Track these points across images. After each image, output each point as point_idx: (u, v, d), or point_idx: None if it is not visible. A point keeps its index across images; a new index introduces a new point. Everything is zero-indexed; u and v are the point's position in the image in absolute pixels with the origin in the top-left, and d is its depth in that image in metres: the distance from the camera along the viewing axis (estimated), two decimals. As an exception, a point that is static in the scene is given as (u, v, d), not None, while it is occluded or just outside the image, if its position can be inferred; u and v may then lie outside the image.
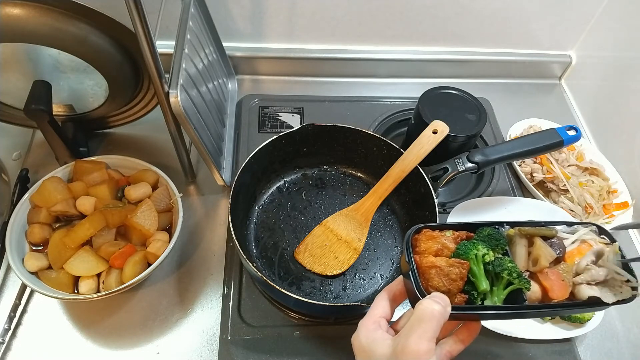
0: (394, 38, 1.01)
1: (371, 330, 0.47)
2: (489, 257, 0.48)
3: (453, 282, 0.46)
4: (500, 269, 0.47)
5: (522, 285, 0.47)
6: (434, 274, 0.46)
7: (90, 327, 0.68)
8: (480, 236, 0.50)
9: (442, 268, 0.46)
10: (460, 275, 0.46)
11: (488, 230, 0.50)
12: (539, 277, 0.49)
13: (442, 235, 0.50)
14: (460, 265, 0.47)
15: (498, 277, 0.48)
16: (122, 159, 0.77)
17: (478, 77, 1.09)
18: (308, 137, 0.78)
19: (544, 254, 0.49)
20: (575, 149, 0.92)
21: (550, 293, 0.48)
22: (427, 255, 0.48)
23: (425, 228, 0.51)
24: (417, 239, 0.50)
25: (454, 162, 0.72)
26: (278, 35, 0.97)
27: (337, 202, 0.80)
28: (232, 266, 0.74)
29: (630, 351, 0.73)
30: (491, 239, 0.49)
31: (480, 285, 0.47)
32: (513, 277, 0.47)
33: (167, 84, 0.64)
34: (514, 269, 0.47)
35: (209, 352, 0.67)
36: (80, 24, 0.63)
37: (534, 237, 0.50)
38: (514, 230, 0.51)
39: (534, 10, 0.98)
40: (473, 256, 0.47)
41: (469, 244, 0.48)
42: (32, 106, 0.69)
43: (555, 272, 0.49)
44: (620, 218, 0.84)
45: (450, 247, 0.49)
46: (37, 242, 0.69)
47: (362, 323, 0.48)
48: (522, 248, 0.50)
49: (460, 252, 0.48)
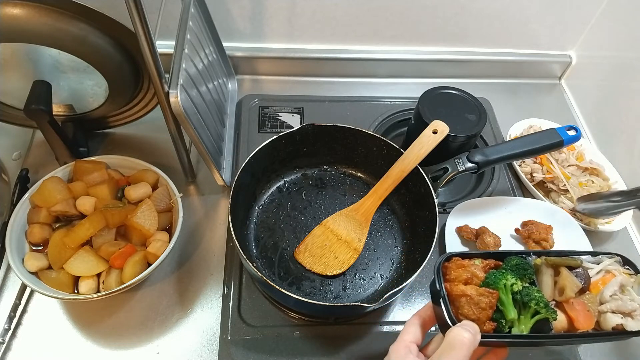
0: (394, 38, 1.01)
1: (402, 355, 0.48)
2: (517, 286, 0.49)
3: (482, 311, 0.48)
4: (528, 298, 0.49)
5: (549, 315, 0.49)
6: (464, 302, 0.48)
7: (90, 327, 0.68)
8: (509, 265, 0.52)
9: (472, 297, 0.48)
10: (489, 304, 0.48)
11: (516, 259, 0.52)
12: (565, 307, 0.50)
13: (471, 264, 0.52)
14: (490, 295, 0.48)
15: (525, 306, 0.49)
16: (122, 159, 0.77)
17: (478, 77, 1.09)
18: (308, 137, 0.78)
19: (569, 284, 0.50)
20: (575, 149, 0.92)
21: (575, 323, 0.50)
22: (457, 283, 0.50)
23: (455, 256, 0.52)
24: (446, 267, 0.52)
25: (454, 162, 0.72)
26: (278, 35, 0.97)
27: (337, 202, 0.80)
28: (232, 266, 0.74)
29: (631, 351, 0.73)
30: (519, 268, 0.51)
31: (508, 314, 0.49)
32: (540, 306, 0.48)
33: (167, 84, 0.64)
34: (541, 299, 0.49)
35: (209, 352, 0.67)
36: (80, 24, 0.63)
37: (560, 267, 0.52)
38: (541, 260, 0.52)
39: (534, 10, 0.98)
40: (502, 286, 0.49)
41: (498, 273, 0.50)
42: (32, 106, 0.69)
43: (581, 302, 0.50)
44: (620, 218, 0.84)
45: (480, 275, 0.51)
46: (37, 242, 0.69)
47: (393, 348, 0.50)
48: (548, 277, 0.52)
49: (490, 282, 0.50)
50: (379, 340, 0.70)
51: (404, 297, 0.75)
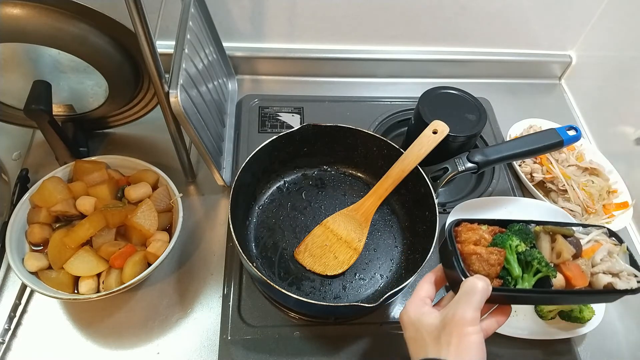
0: (394, 38, 1.01)
1: (419, 306, 0.54)
2: (521, 247, 0.55)
3: (491, 267, 0.54)
4: (530, 257, 0.54)
5: (549, 272, 0.54)
6: (475, 260, 0.54)
7: (90, 327, 0.68)
8: (512, 230, 0.57)
9: (482, 255, 0.54)
10: (498, 261, 0.54)
11: (518, 226, 0.58)
12: (562, 268, 0.56)
13: (479, 228, 0.58)
14: (499, 253, 0.54)
15: (528, 266, 0.55)
16: (122, 159, 0.77)
17: (478, 77, 1.09)
18: (308, 137, 0.78)
19: (566, 248, 0.56)
20: (575, 149, 0.92)
21: (572, 281, 0.55)
22: (467, 244, 0.55)
23: (463, 221, 0.59)
24: (457, 231, 0.58)
25: (454, 162, 0.72)
26: (278, 35, 0.97)
27: (337, 202, 0.80)
28: (232, 266, 0.74)
29: (630, 351, 0.73)
30: (521, 233, 0.57)
31: (513, 271, 0.54)
32: (542, 265, 0.54)
33: (167, 84, 0.64)
34: (542, 258, 0.54)
35: (209, 352, 0.67)
36: (80, 24, 0.63)
37: (556, 235, 0.58)
38: (540, 228, 0.59)
39: (534, 10, 0.98)
40: (508, 246, 0.55)
41: (504, 235, 0.56)
42: (32, 106, 0.69)
43: (576, 264, 0.56)
44: (620, 218, 0.84)
45: (487, 238, 0.57)
46: (37, 242, 0.69)
47: (410, 301, 0.55)
48: (546, 243, 0.58)
49: (497, 242, 0.56)
50: (379, 340, 0.70)
51: (404, 297, 0.75)
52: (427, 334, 0.50)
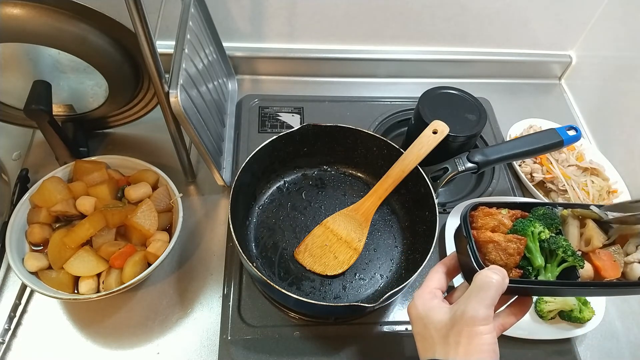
0: (394, 38, 1.01)
1: (428, 299, 0.49)
2: (544, 234, 0.49)
3: (510, 257, 0.48)
4: (555, 246, 0.49)
5: (576, 262, 0.48)
6: (492, 249, 0.48)
7: (90, 327, 0.68)
8: (536, 215, 0.51)
9: (499, 243, 0.48)
10: (517, 251, 0.48)
11: (543, 209, 0.51)
12: (592, 257, 0.50)
13: (498, 212, 0.52)
14: (518, 241, 0.48)
15: (552, 255, 0.49)
16: (122, 159, 0.77)
17: (478, 77, 1.09)
18: (308, 137, 0.78)
19: (597, 234, 0.50)
20: (575, 149, 0.92)
21: (602, 272, 0.49)
22: (484, 230, 0.50)
23: (481, 205, 0.52)
24: (473, 215, 0.52)
25: (454, 162, 0.72)
26: (278, 35, 0.97)
27: (337, 202, 0.80)
28: (232, 266, 0.74)
29: (630, 351, 0.73)
30: (546, 217, 0.51)
31: (535, 261, 0.49)
32: (568, 254, 0.48)
33: (167, 84, 0.64)
34: (568, 247, 0.49)
35: (209, 352, 0.67)
36: (80, 24, 0.63)
37: (586, 219, 0.52)
38: (568, 212, 0.52)
39: (534, 10, 0.98)
40: (530, 233, 0.49)
41: (526, 221, 0.50)
42: (32, 106, 0.69)
43: (607, 252, 0.50)
44: (620, 218, 0.84)
45: (507, 224, 0.51)
46: (37, 242, 0.69)
47: (418, 294, 0.50)
48: (574, 229, 0.52)
49: (518, 229, 0.50)
50: (379, 340, 0.70)
51: (404, 297, 0.75)
52: (435, 331, 0.47)
